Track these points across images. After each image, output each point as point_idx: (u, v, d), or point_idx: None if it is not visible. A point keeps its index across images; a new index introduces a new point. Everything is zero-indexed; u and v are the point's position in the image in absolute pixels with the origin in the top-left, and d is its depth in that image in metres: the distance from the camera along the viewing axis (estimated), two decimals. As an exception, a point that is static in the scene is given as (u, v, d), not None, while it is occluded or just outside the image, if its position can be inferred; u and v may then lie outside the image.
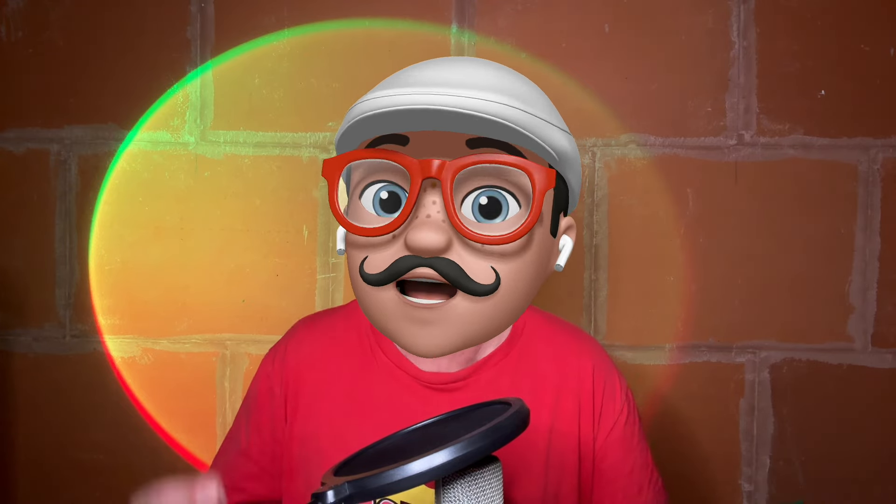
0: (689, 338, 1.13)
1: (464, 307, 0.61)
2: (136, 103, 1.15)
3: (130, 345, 1.16)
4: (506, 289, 0.62)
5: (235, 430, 0.80)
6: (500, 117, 0.57)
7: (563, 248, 0.69)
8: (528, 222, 0.59)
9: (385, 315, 0.63)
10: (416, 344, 0.63)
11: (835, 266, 1.11)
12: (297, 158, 1.14)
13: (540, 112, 0.62)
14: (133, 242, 1.16)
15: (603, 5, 1.12)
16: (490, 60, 0.67)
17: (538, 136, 0.60)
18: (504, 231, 0.60)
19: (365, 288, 0.63)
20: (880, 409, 1.12)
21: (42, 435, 1.17)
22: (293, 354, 0.77)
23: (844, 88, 1.10)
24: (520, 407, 0.49)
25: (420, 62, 0.66)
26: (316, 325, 0.80)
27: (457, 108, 0.55)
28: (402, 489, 0.43)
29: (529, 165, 0.58)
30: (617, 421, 0.76)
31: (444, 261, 0.59)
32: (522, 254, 0.62)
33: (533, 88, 0.65)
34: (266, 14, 1.13)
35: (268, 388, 0.77)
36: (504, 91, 0.59)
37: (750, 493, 1.14)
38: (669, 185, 1.12)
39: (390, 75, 0.66)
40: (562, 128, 0.65)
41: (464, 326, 0.62)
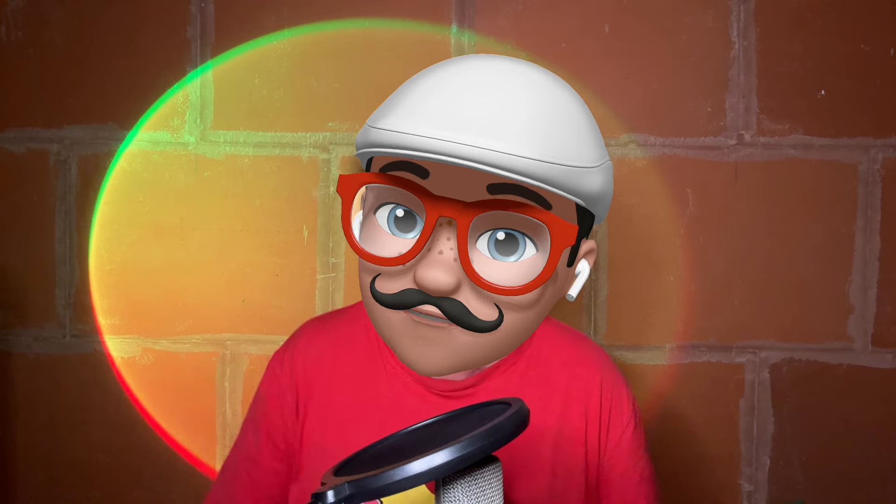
0: (689, 338, 1.13)
1: (463, 338, 0.61)
2: (136, 103, 1.15)
3: (130, 345, 1.16)
4: (507, 327, 0.62)
5: (243, 438, 0.79)
6: (524, 175, 0.54)
7: (579, 273, 0.67)
8: (542, 276, 0.58)
9: (390, 330, 0.64)
10: (416, 361, 0.63)
11: (835, 266, 1.11)
12: (297, 158, 1.14)
13: (570, 154, 0.58)
14: (133, 242, 1.15)
15: (603, 5, 1.12)
16: (519, 64, 0.62)
17: (564, 188, 0.58)
18: (517, 274, 0.59)
19: (375, 305, 0.63)
20: (880, 409, 1.12)
21: (42, 435, 1.17)
22: (301, 357, 0.77)
23: (844, 88, 1.10)
24: (520, 407, 0.49)
25: (440, 65, 0.63)
26: (322, 327, 0.80)
27: (479, 163, 0.53)
28: (403, 489, 0.43)
29: (551, 221, 0.57)
30: (624, 432, 0.76)
31: (449, 302, 0.59)
32: (531, 304, 0.62)
33: (566, 114, 0.60)
34: (266, 14, 1.13)
35: (278, 392, 0.76)
36: (533, 133, 0.55)
37: (750, 493, 1.14)
38: (669, 185, 1.12)
39: (417, 76, 0.63)
40: (592, 165, 0.61)
41: (463, 354, 0.62)
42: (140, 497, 1.17)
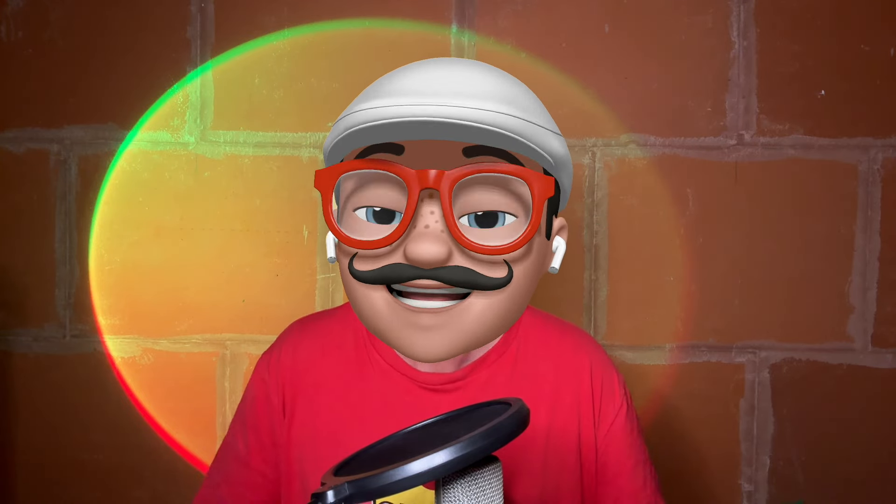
0: (688, 338, 1.13)
1: (480, 305, 0.61)
2: (136, 103, 1.15)
3: (130, 345, 1.16)
4: (517, 282, 0.62)
5: (232, 439, 0.79)
6: (499, 127, 0.56)
7: (556, 249, 0.69)
8: (529, 230, 0.59)
9: (378, 317, 0.63)
10: (415, 350, 0.62)
11: (835, 266, 1.11)
12: (297, 158, 1.14)
13: (535, 117, 0.61)
14: (133, 242, 1.16)
15: (603, 5, 1.12)
16: (477, 62, 0.66)
17: (536, 143, 0.59)
18: (504, 239, 0.60)
19: (355, 286, 0.63)
20: (880, 408, 1.12)
21: (42, 435, 1.17)
22: (288, 358, 0.76)
23: (844, 88, 1.10)
24: (520, 407, 0.49)
25: (404, 65, 0.65)
26: (309, 327, 0.79)
27: (454, 119, 0.55)
28: (402, 489, 0.43)
29: (529, 175, 0.58)
30: (617, 416, 0.76)
31: (449, 269, 0.59)
32: (525, 258, 0.62)
33: (524, 91, 0.64)
34: (266, 14, 1.13)
35: (264, 394, 0.76)
36: (499, 97, 0.59)
37: (750, 493, 1.14)
38: (669, 185, 1.12)
39: (377, 79, 0.65)
40: (555, 131, 0.64)
41: (477, 325, 0.62)
42: (140, 497, 1.17)
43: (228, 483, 0.76)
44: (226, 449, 0.79)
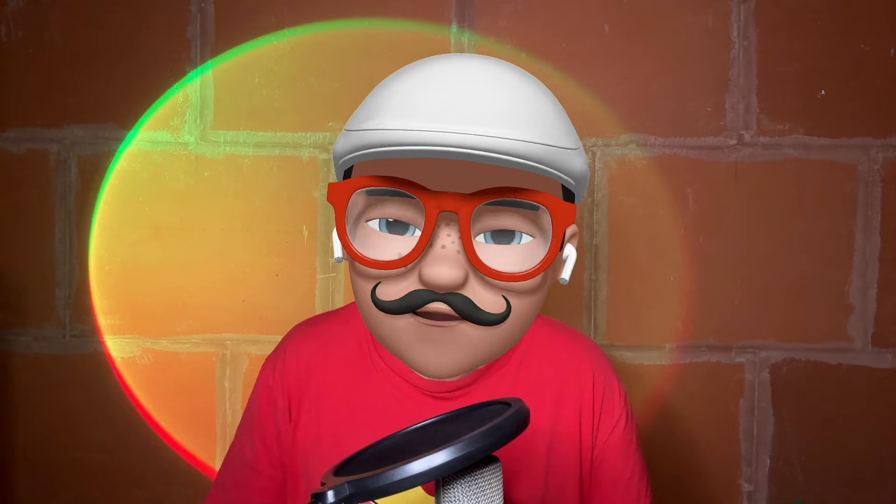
0: (688, 338, 1.13)
1: (472, 333, 0.61)
2: (136, 103, 1.15)
3: (130, 345, 1.16)
4: (515, 317, 0.62)
5: (239, 445, 0.79)
6: (523, 157, 0.55)
7: (567, 258, 0.68)
8: (547, 258, 0.58)
9: (397, 338, 0.63)
10: (427, 364, 0.63)
11: (835, 266, 1.11)
12: (297, 158, 1.14)
13: (559, 137, 0.59)
14: (133, 242, 1.15)
15: (603, 5, 1.12)
16: (497, 60, 0.64)
17: (559, 168, 0.58)
18: (519, 258, 0.60)
19: (377, 314, 0.62)
20: (880, 409, 1.12)
21: (42, 435, 1.17)
22: (292, 362, 0.76)
23: (844, 88, 1.10)
24: (520, 407, 0.49)
25: (422, 64, 0.63)
26: (312, 331, 0.79)
27: (478, 150, 0.53)
28: (403, 489, 0.43)
29: (552, 203, 0.57)
30: (616, 425, 0.75)
31: (456, 297, 0.59)
32: (536, 288, 0.62)
33: (546, 99, 0.62)
34: (266, 14, 1.13)
35: (270, 399, 0.76)
36: (524, 119, 0.56)
37: (750, 493, 1.14)
38: (669, 185, 1.12)
39: (393, 77, 0.63)
40: (576, 147, 0.62)
41: (472, 350, 0.62)
42: (140, 497, 1.17)
43: (237, 487, 0.77)
44: (233, 454, 0.79)
